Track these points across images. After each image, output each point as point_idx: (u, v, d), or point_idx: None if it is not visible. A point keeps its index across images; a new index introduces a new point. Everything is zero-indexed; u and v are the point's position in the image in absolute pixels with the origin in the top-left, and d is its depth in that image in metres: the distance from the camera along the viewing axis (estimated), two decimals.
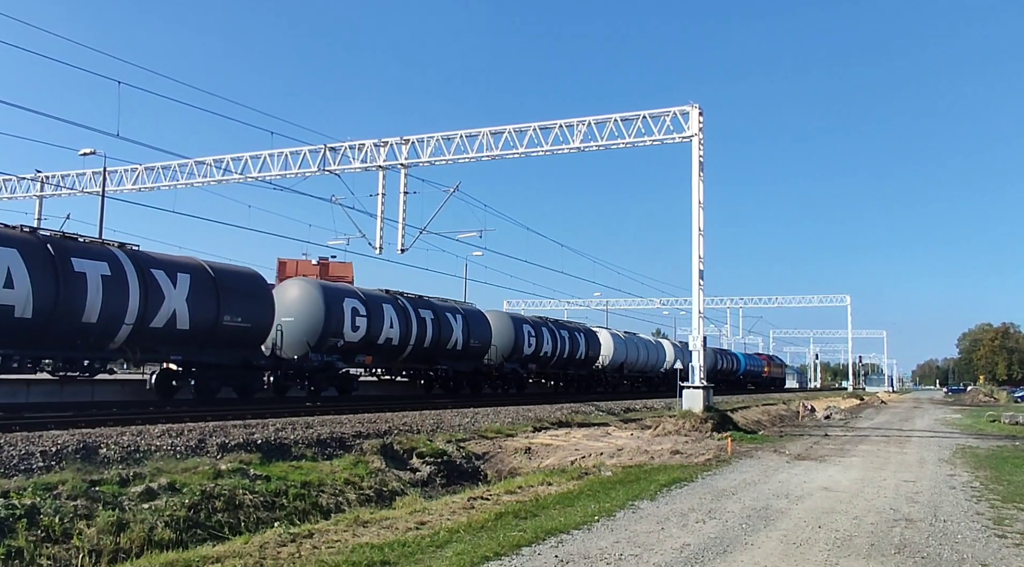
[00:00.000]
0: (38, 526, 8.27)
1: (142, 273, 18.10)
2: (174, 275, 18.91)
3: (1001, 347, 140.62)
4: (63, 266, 16.59)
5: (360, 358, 25.70)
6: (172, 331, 18.70)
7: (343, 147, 28.91)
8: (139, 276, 17.98)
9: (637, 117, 25.64)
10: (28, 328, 16.01)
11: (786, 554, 7.46)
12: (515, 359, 34.38)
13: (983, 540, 8.29)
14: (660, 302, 76.18)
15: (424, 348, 27.88)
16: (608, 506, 9.74)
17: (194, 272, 19.63)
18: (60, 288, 16.41)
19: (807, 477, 12.99)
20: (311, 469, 12.51)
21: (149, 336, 18.31)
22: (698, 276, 24.98)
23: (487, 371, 32.95)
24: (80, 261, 16.99)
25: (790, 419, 35.87)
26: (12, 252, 15.77)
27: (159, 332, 18.44)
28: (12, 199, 36.32)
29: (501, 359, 33.51)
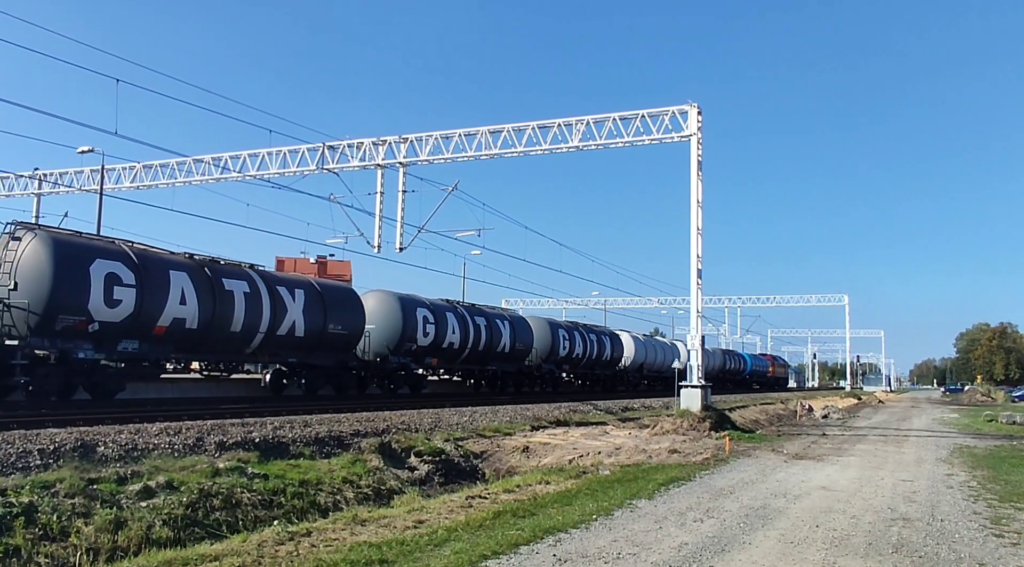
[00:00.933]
0: (36, 524, 8.27)
1: (271, 290, 21.93)
2: (293, 291, 22.81)
3: (999, 347, 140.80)
4: (218, 286, 20.32)
5: (428, 360, 29.47)
6: (291, 338, 22.54)
7: (342, 145, 28.89)
8: (269, 293, 21.80)
9: (636, 116, 25.63)
10: (194, 337, 19.70)
11: (784, 553, 7.47)
12: (552, 360, 38.15)
13: (980, 539, 8.30)
14: (658, 301, 76.27)
15: (479, 351, 31.57)
16: (606, 505, 9.74)
17: (307, 288, 23.69)
18: (216, 304, 20.07)
19: (805, 476, 13.01)
20: (309, 468, 12.50)
21: (275, 342, 22.12)
22: (696, 275, 24.97)
23: (529, 371, 36.67)
24: (228, 281, 20.78)
25: (788, 418, 35.90)
26: (184, 275, 19.40)
27: (282, 339, 22.25)
28: (10, 197, 36.26)
29: (540, 361, 37.16)
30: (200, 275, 19.97)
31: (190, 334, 19.56)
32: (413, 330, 27.95)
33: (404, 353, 27.94)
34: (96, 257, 17.64)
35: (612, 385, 46.03)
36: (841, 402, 51.55)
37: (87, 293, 17.09)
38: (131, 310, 18.01)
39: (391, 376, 28.18)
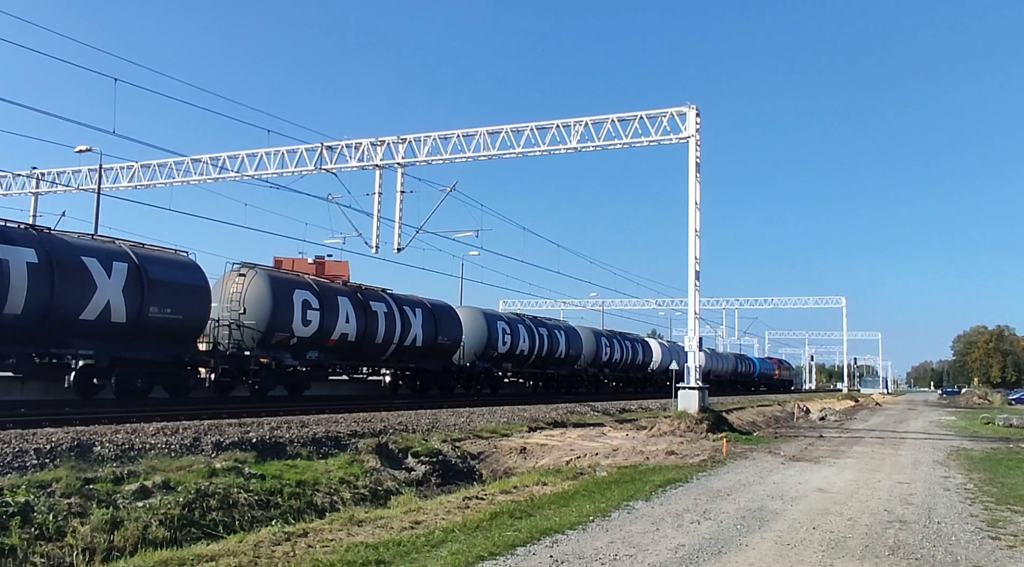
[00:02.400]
0: (32, 524, 8.25)
1: (400, 309, 27.52)
2: (414, 310, 28.44)
3: (995, 350, 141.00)
4: (368, 307, 25.99)
5: (505, 365, 35.18)
6: (413, 347, 27.94)
7: (340, 146, 28.89)
8: (399, 312, 27.41)
9: (634, 117, 25.66)
10: (351, 347, 25.48)
11: (780, 555, 7.47)
12: (596, 365, 43.88)
13: (977, 542, 8.31)
14: (656, 302, 76.34)
15: (542, 357, 37.36)
16: (603, 506, 9.74)
17: (423, 307, 29.24)
18: (367, 322, 25.67)
19: (802, 478, 13.01)
20: (306, 468, 12.48)
21: (402, 351, 27.61)
22: (694, 277, 25.00)
23: (578, 375, 42.32)
24: (373, 303, 26.37)
25: (785, 420, 35.92)
26: (347, 300, 25.18)
27: (406, 348, 27.70)
28: (7, 196, 36.24)
29: (586, 365, 42.67)
30: (356, 299, 25.68)
31: (350, 345, 25.26)
32: (495, 340, 33.31)
33: (488, 359, 33.28)
34: (295, 288, 23.36)
35: (643, 386, 50.62)
36: (838, 404, 51.61)
37: (292, 316, 22.76)
38: (316, 328, 23.59)
39: (478, 378, 33.57)
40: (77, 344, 17.48)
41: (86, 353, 17.70)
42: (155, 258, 19.55)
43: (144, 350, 18.71)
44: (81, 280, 17.23)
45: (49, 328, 16.74)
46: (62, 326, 17.00)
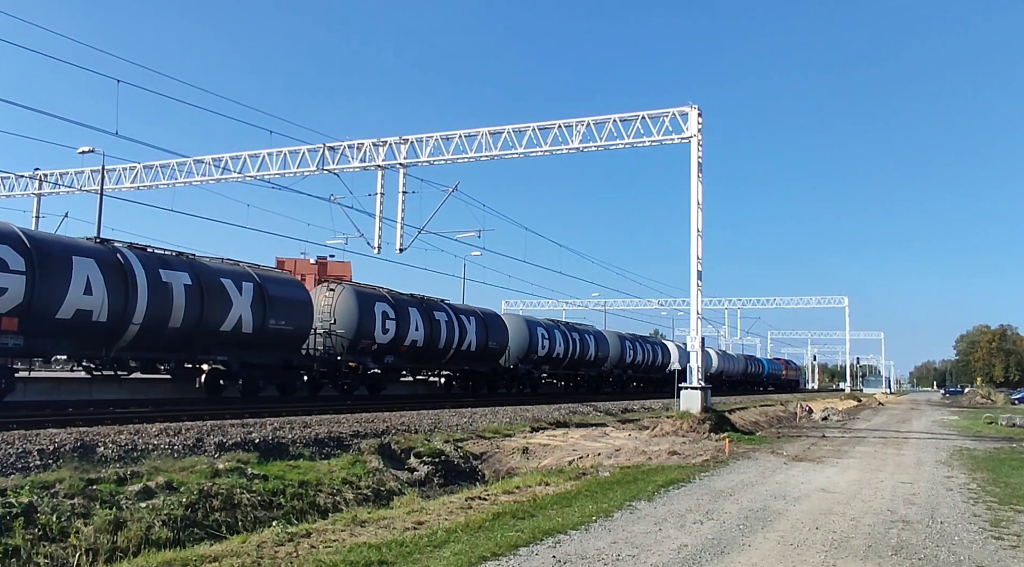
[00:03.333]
0: (35, 524, 8.26)
1: (457, 318, 30.49)
2: (469, 318, 31.43)
3: (999, 349, 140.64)
4: (432, 317, 28.84)
5: (544, 367, 38.19)
6: (468, 352, 31.02)
7: (342, 146, 28.90)
8: (456, 320, 30.28)
9: (636, 118, 25.63)
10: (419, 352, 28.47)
11: (783, 555, 7.46)
12: (621, 366, 47.31)
13: (980, 542, 8.30)
14: (658, 302, 76.20)
15: (574, 360, 40.62)
16: (606, 507, 9.74)
17: (476, 315, 32.28)
18: (432, 330, 28.62)
19: (804, 478, 13.00)
20: (309, 468, 12.50)
21: (459, 355, 30.65)
22: (696, 277, 24.97)
23: (605, 375, 46.22)
24: (436, 313, 29.41)
25: (788, 420, 35.88)
26: (416, 311, 28.26)
27: (463, 352, 30.71)
28: (10, 197, 36.29)
29: (612, 367, 46.16)
30: (422, 309, 28.49)
31: (418, 350, 28.12)
32: (535, 344, 36.39)
33: (528, 361, 36.41)
34: (376, 300, 26.43)
35: (661, 386, 51.70)
36: (841, 404, 51.55)
37: (374, 325, 25.81)
38: (392, 335, 26.64)
39: (521, 379, 36.66)
40: (215, 351, 20.66)
41: (222, 359, 20.95)
42: (272, 278, 22.90)
43: (264, 356, 22.04)
44: (221, 298, 20.38)
45: (197, 338, 19.86)
46: (207, 336, 20.09)
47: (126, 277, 18.01)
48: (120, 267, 18.04)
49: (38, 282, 16.23)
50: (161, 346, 19.23)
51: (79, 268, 17.10)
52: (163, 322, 18.73)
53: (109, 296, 17.53)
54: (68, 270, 16.90)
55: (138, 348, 18.76)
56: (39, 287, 16.24)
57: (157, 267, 18.94)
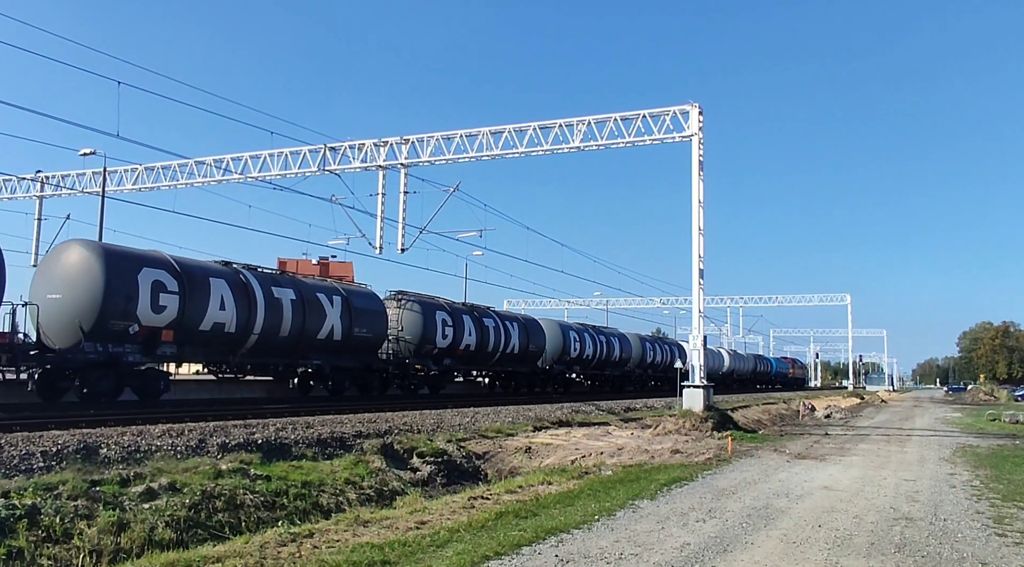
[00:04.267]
0: (39, 526, 8.27)
1: (504, 324, 33.90)
2: (512, 323, 34.98)
3: (1001, 346, 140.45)
4: (482, 323, 32.30)
5: (575, 368, 41.55)
6: (512, 354, 34.48)
7: (343, 147, 28.91)
8: (503, 326, 33.73)
9: (637, 116, 25.63)
10: (471, 355, 31.88)
11: (786, 553, 7.46)
12: (642, 366, 50.57)
13: (983, 539, 8.29)
14: (660, 301, 76.16)
15: (602, 360, 43.59)
16: (608, 505, 9.74)
17: (518, 321, 36.04)
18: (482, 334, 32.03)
19: (807, 476, 12.99)
20: (311, 469, 12.51)
21: (505, 357, 34.17)
22: (698, 275, 24.97)
23: (628, 375, 49.34)
24: (485, 319, 32.78)
25: (790, 418, 35.86)
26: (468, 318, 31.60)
27: (507, 355, 34.19)
28: (12, 199, 36.33)
29: (634, 366, 49.45)
30: (474, 316, 31.86)
31: (471, 354, 31.58)
32: (568, 346, 39.47)
33: (562, 363, 39.48)
34: (436, 310, 29.85)
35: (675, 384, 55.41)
36: (843, 402, 51.51)
37: (435, 332, 29.01)
38: (450, 340, 29.84)
39: (555, 379, 39.83)
40: (312, 356, 24.10)
41: (317, 363, 24.43)
42: (355, 291, 26.73)
43: (349, 360, 25.49)
44: (318, 310, 23.77)
45: (300, 345, 23.24)
46: (306, 343, 23.44)
47: (248, 294, 21.36)
48: (244, 286, 21.38)
49: (187, 301, 19.43)
50: (273, 352, 22.59)
51: (215, 288, 20.36)
52: (275, 331, 22.13)
53: (237, 310, 20.84)
54: (207, 290, 20.14)
55: (256, 354, 22.17)
56: (188, 305, 19.45)
57: (270, 285, 22.33)
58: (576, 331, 41.32)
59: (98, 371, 18.18)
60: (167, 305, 18.91)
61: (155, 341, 18.87)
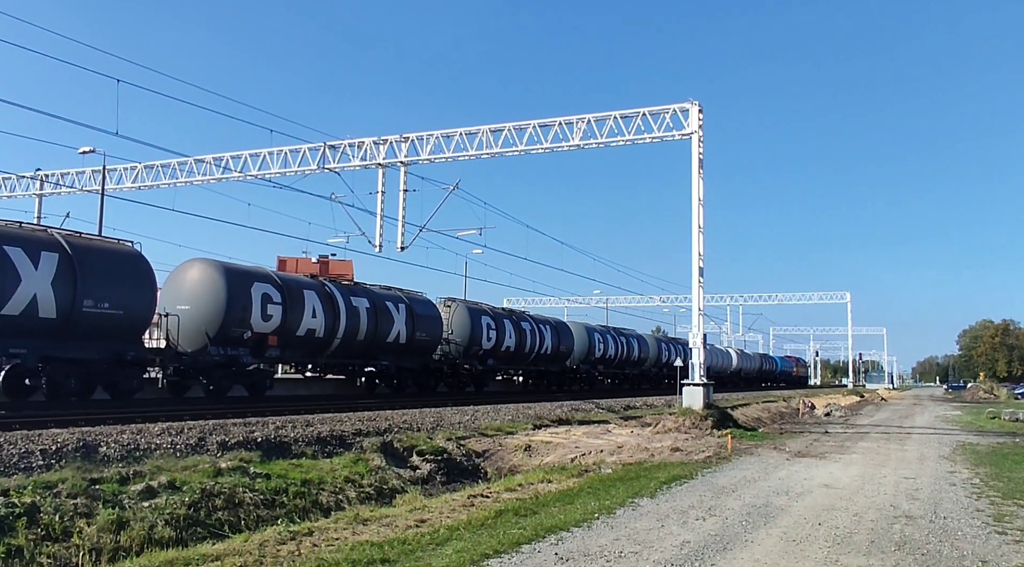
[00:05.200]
0: (38, 524, 8.27)
1: (539, 328, 36.65)
2: (546, 326, 37.64)
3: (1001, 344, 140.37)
4: (520, 326, 34.95)
5: (600, 367, 44.16)
6: (545, 355, 36.98)
7: (343, 145, 28.89)
8: (536, 328, 36.46)
9: (637, 114, 25.61)
10: (511, 355, 34.50)
11: (786, 551, 7.46)
12: (657, 366, 52.82)
13: (983, 537, 8.29)
14: (660, 299, 76.18)
15: (622, 359, 46.48)
16: (608, 504, 9.74)
17: (550, 324, 38.44)
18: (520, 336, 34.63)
19: (807, 474, 12.99)
20: (311, 467, 12.50)
21: (538, 358, 36.86)
22: (698, 273, 24.97)
23: (646, 373, 52.01)
24: (523, 323, 35.64)
25: (790, 416, 35.88)
26: (508, 321, 34.40)
27: (542, 355, 36.87)
28: (12, 197, 36.32)
29: (650, 366, 52.11)
30: (513, 320, 34.88)
31: (510, 354, 34.38)
32: (594, 347, 42.34)
33: (588, 362, 42.29)
34: (481, 314, 32.52)
35: None
36: (843, 400, 51.55)
37: (481, 334, 31.73)
38: (494, 342, 32.72)
39: (582, 377, 42.70)
40: (381, 357, 26.77)
41: (385, 363, 27.08)
42: (416, 299, 29.13)
43: (410, 360, 28.31)
44: (387, 317, 26.50)
45: (372, 347, 26.15)
46: (377, 346, 26.28)
47: (333, 304, 24.21)
48: (329, 296, 24.22)
49: (288, 310, 22.35)
50: (350, 353, 25.42)
51: (308, 299, 23.29)
52: (354, 336, 24.83)
53: (325, 318, 23.71)
54: (303, 301, 23.07)
55: (337, 355, 24.99)
56: (289, 314, 22.38)
57: (349, 295, 25.10)
58: (600, 333, 44.46)
59: (220, 371, 21.25)
60: (273, 314, 22.01)
61: (263, 345, 22.08)
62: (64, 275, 16.75)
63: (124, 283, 18.28)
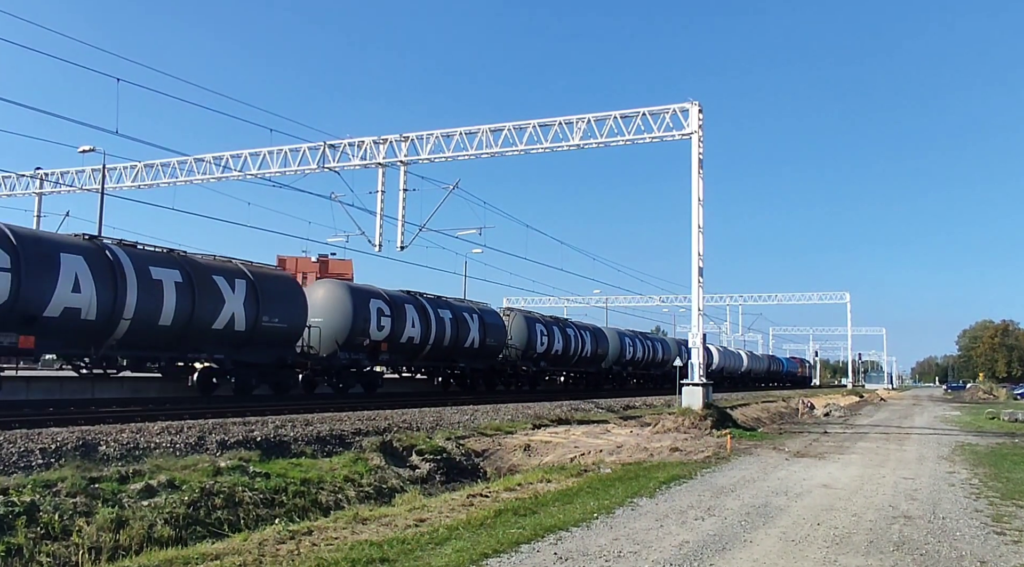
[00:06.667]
0: (37, 523, 8.27)
1: (579, 332, 41.17)
2: (586, 331, 42.14)
3: (1001, 344, 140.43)
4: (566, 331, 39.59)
5: (629, 368, 48.55)
6: (586, 357, 41.87)
7: (342, 144, 28.87)
8: (579, 333, 40.93)
9: (637, 114, 25.60)
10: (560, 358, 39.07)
11: (785, 551, 7.46)
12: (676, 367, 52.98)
13: (982, 537, 8.30)
14: (660, 299, 76.17)
15: (647, 361, 50.38)
16: (607, 503, 9.74)
17: (589, 330, 43.40)
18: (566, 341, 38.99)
19: (806, 474, 13.00)
20: (310, 466, 12.50)
21: (580, 361, 41.51)
22: (697, 273, 24.96)
23: (669, 373, 51.32)
24: (567, 329, 40.17)
25: (789, 416, 35.88)
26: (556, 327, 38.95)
27: (583, 358, 41.45)
28: (11, 196, 36.30)
29: (670, 367, 52.73)
30: (559, 326, 39.28)
31: (559, 357, 38.57)
32: (625, 350, 46.66)
33: (619, 364, 46.69)
34: (536, 322, 37.06)
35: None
36: (843, 400, 51.54)
37: (536, 339, 36.11)
38: (546, 346, 36.84)
39: (614, 377, 47.21)
40: (460, 360, 31.23)
41: (462, 365, 31.64)
42: (485, 310, 33.27)
43: (481, 362, 32.52)
44: (465, 326, 30.48)
45: (453, 351, 30.16)
46: (456, 350, 30.26)
47: (427, 315, 28.57)
48: (423, 309, 28.55)
49: (395, 321, 26.82)
50: (438, 357, 29.91)
51: (408, 312, 27.59)
52: (441, 342, 29.13)
53: (420, 327, 28.01)
54: (405, 314, 27.28)
55: (428, 359, 29.66)
56: (395, 324, 26.79)
57: (436, 307, 29.41)
58: (630, 337, 49.17)
59: (345, 372, 25.93)
60: (384, 325, 26.26)
61: (377, 350, 26.26)
62: (251, 297, 21.08)
63: (286, 302, 22.47)
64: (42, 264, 16.37)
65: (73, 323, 16.83)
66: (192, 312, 19.28)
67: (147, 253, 19.39)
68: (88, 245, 17.97)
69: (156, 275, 18.68)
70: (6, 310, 15.69)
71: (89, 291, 17.03)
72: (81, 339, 17.46)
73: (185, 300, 19.13)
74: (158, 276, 18.71)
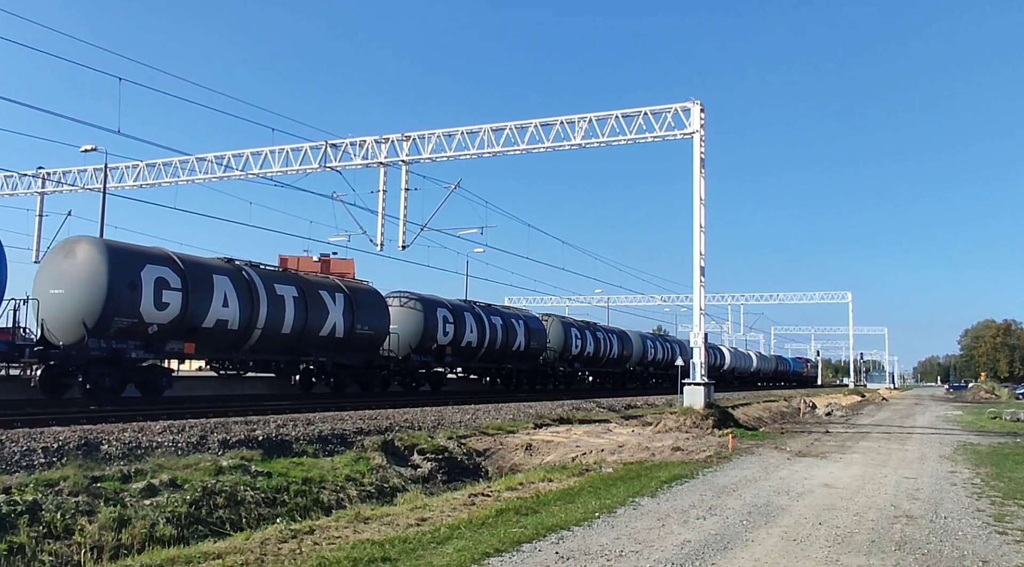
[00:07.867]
0: (40, 522, 8.29)
1: (607, 335, 45.05)
2: (612, 334, 46.07)
3: (1003, 344, 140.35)
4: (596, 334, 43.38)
5: (650, 369, 51.29)
6: (612, 359, 45.53)
7: (344, 144, 28.88)
8: (606, 336, 44.65)
9: (638, 114, 25.58)
10: (591, 360, 42.91)
11: (787, 551, 7.46)
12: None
13: (984, 537, 8.29)
14: (661, 299, 76.16)
15: (667, 362, 51.14)
16: (609, 503, 9.74)
17: (616, 332, 46.40)
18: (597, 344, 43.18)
19: (808, 474, 12.99)
20: (312, 465, 12.51)
21: (608, 361, 45.03)
22: (699, 273, 24.95)
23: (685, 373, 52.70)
24: (598, 332, 43.80)
25: (791, 416, 35.87)
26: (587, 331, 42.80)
27: (610, 359, 45.17)
28: (13, 195, 36.33)
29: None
30: (591, 329, 42.87)
31: (590, 358, 42.45)
32: (647, 352, 50.32)
33: (642, 365, 50.34)
34: (571, 327, 40.80)
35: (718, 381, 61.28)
36: (844, 399, 51.56)
37: (571, 342, 40.22)
38: (579, 349, 40.83)
39: (638, 377, 50.16)
40: (508, 362, 34.67)
41: (510, 366, 35.21)
42: (530, 316, 37.68)
43: (526, 363, 36.35)
44: (513, 331, 34.20)
45: (503, 354, 33.71)
46: (506, 353, 33.89)
47: (483, 321, 31.94)
48: (480, 315, 31.94)
49: (457, 328, 30.21)
50: (491, 359, 33.32)
51: (467, 320, 30.90)
52: (493, 345, 32.44)
53: (478, 332, 31.48)
54: (464, 319, 30.58)
55: (484, 360, 32.93)
56: (457, 331, 30.01)
57: (489, 315, 32.96)
58: (651, 340, 53.23)
59: (417, 373, 29.51)
60: (449, 331, 29.69)
61: (443, 354, 29.77)
62: (348, 308, 24.70)
63: (374, 312, 26.11)
64: (202, 284, 19.88)
65: (222, 332, 20.49)
66: (306, 321, 22.91)
67: (270, 272, 23.15)
68: (230, 267, 21.62)
69: (279, 291, 22.34)
70: (177, 322, 19.12)
71: (234, 306, 20.69)
72: (226, 345, 21.21)
73: (300, 311, 22.78)
74: (281, 292, 22.38)
